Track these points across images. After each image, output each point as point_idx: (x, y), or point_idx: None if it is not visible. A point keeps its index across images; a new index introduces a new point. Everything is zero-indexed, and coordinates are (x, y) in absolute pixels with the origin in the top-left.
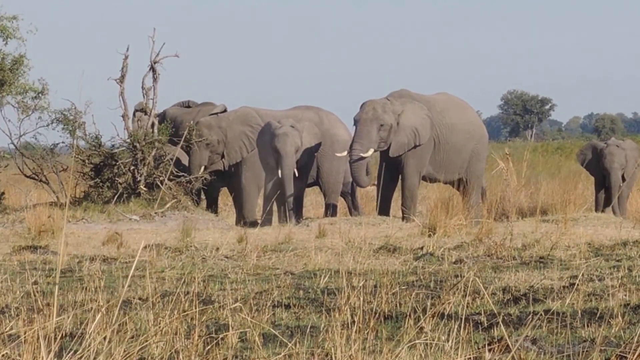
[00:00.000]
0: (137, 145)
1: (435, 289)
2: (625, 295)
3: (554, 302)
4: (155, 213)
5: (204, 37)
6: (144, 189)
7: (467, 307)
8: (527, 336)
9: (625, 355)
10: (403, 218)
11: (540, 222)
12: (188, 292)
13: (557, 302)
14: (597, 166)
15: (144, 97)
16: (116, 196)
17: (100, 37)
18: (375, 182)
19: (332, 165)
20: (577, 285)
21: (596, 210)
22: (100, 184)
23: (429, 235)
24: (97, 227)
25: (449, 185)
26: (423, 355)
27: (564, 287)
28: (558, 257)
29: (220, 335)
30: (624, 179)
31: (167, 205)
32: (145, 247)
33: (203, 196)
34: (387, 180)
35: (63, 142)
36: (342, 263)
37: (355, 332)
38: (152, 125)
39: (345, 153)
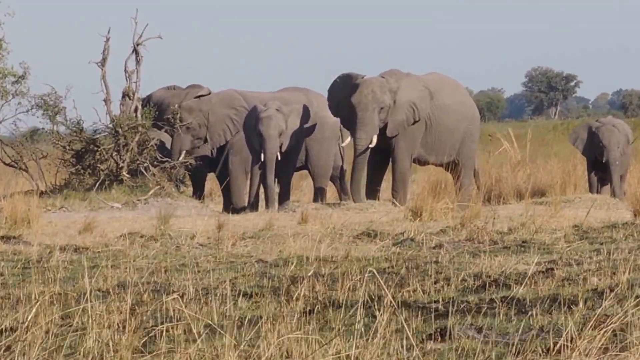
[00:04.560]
0: (120, 130)
1: (405, 276)
2: (600, 280)
3: (524, 288)
4: (138, 200)
5: (190, 17)
6: (127, 175)
7: (428, 294)
8: (472, 325)
9: (566, 344)
10: (394, 202)
11: (533, 204)
12: (149, 283)
13: (525, 288)
14: (591, 146)
15: (126, 80)
16: (98, 183)
17: (81, 19)
18: None
19: (321, 149)
20: (552, 270)
21: (590, 191)
22: (82, 171)
23: (415, 220)
24: (76, 215)
25: (441, 167)
26: (356, 344)
27: (539, 272)
28: (541, 241)
29: (157, 328)
30: None
31: (150, 193)
32: (121, 236)
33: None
34: (376, 162)
35: (43, 128)
36: (317, 250)
37: (303, 322)
38: (136, 109)
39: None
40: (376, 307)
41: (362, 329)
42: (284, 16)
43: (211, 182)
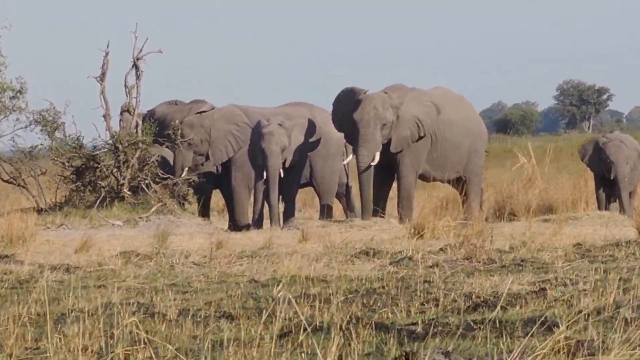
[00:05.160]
0: (120, 146)
1: (395, 296)
2: (593, 301)
3: (512, 309)
4: (140, 218)
5: (191, 31)
6: (128, 192)
7: (410, 315)
8: (440, 348)
9: None
10: (400, 219)
11: (540, 221)
12: (132, 304)
13: (513, 309)
14: (599, 162)
15: (126, 95)
16: (98, 200)
17: (80, 33)
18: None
19: (326, 165)
20: (545, 290)
21: (599, 208)
22: (82, 188)
23: (416, 238)
24: (76, 233)
25: (447, 184)
26: None
27: (531, 292)
28: (541, 259)
29: (116, 352)
30: None
31: (152, 210)
32: (117, 255)
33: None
34: (381, 179)
35: (42, 145)
36: (313, 269)
37: (277, 345)
38: (136, 125)
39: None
40: (352, 329)
41: (336, 353)
42: (286, 25)
43: (220, 198)
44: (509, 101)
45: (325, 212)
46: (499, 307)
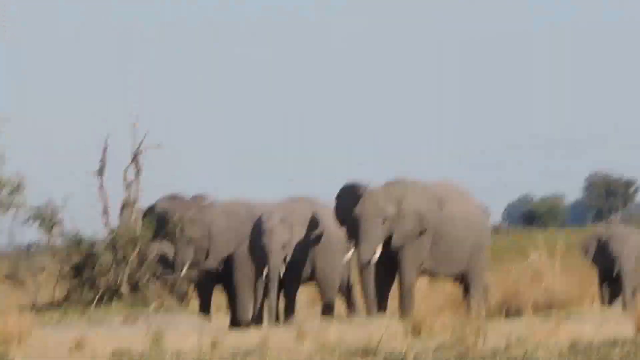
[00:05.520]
0: (118, 243)
1: None
2: None
3: None
4: (139, 316)
5: (192, 123)
6: (126, 290)
7: None
8: None
9: None
10: (401, 316)
11: (542, 317)
12: None
13: None
14: (602, 257)
15: (125, 190)
16: (97, 298)
17: (78, 124)
18: None
19: (328, 261)
20: None
21: (602, 304)
22: (80, 285)
23: (414, 336)
24: (74, 331)
25: (450, 280)
26: None
27: None
28: (535, 358)
29: None
30: None
31: (151, 308)
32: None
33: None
34: (382, 274)
35: (39, 242)
36: None
37: None
38: (135, 220)
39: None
40: None
41: None
42: (290, 114)
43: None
44: (537, 193)
45: (328, 309)
46: None
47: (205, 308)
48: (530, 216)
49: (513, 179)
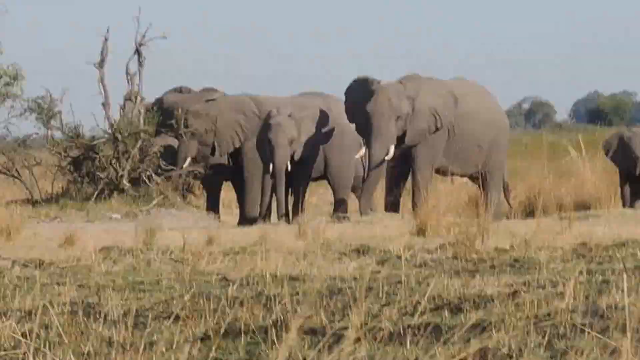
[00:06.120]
0: (119, 136)
1: (357, 298)
2: (548, 305)
3: (476, 312)
4: (140, 211)
5: (198, 14)
6: (127, 184)
7: (339, 320)
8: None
9: None
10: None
11: (560, 219)
12: (79, 303)
13: (471, 313)
14: (623, 157)
15: (128, 83)
16: (97, 193)
17: (80, 17)
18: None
19: (342, 158)
20: (518, 293)
21: (623, 205)
22: (80, 179)
23: (418, 235)
24: (70, 227)
25: (467, 178)
26: None
27: (505, 294)
28: (536, 259)
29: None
30: None
31: (153, 203)
32: (101, 250)
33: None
34: (395, 173)
35: (37, 134)
36: (292, 268)
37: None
38: (138, 114)
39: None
40: (277, 333)
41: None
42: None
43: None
44: (605, 90)
45: (341, 207)
46: (445, 312)
47: (213, 205)
48: (595, 114)
49: (580, 75)
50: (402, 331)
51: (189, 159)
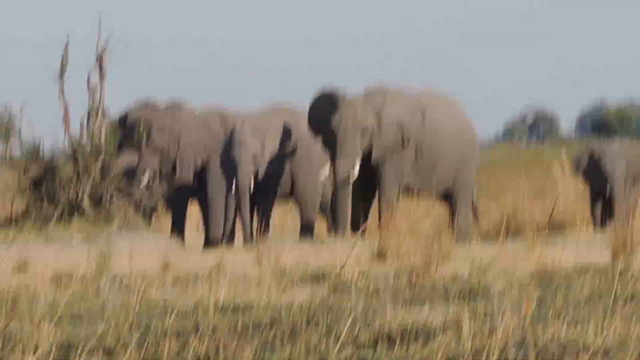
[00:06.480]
0: (79, 155)
1: (293, 330)
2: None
3: (415, 345)
4: (101, 234)
5: (163, 23)
6: (88, 206)
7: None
8: None
9: None
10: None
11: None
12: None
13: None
14: (594, 174)
15: (89, 96)
16: (57, 214)
17: (40, 25)
18: None
19: (309, 176)
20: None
21: (594, 226)
22: (39, 200)
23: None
24: (28, 251)
25: (433, 197)
26: None
27: (447, 324)
28: (492, 287)
29: None
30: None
31: (114, 226)
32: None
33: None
34: (361, 192)
35: None
36: (240, 297)
37: None
38: (99, 130)
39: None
40: None
41: None
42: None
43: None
44: (612, 96)
45: (308, 229)
46: (385, 344)
47: (178, 226)
48: (600, 127)
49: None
50: None
51: (147, 173)
